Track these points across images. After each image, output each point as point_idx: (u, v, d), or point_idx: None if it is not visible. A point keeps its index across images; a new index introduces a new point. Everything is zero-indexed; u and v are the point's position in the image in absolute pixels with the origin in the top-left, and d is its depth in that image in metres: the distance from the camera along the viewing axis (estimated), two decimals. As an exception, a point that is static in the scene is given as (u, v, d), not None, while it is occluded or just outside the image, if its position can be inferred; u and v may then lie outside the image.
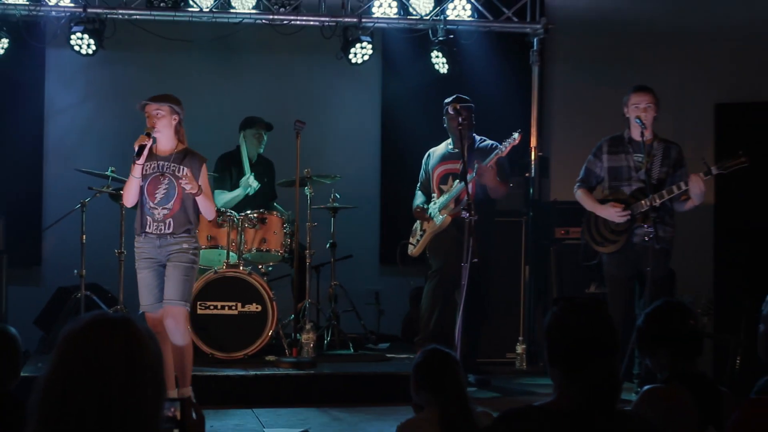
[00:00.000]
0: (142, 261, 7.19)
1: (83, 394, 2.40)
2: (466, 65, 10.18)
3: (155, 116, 7.16)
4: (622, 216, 7.85)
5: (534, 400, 6.73)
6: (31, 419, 2.45)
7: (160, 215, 7.17)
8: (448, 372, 4.84)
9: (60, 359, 2.46)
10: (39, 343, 9.23)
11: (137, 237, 7.23)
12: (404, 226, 9.16)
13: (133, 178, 7.13)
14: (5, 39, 9.49)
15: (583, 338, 3.30)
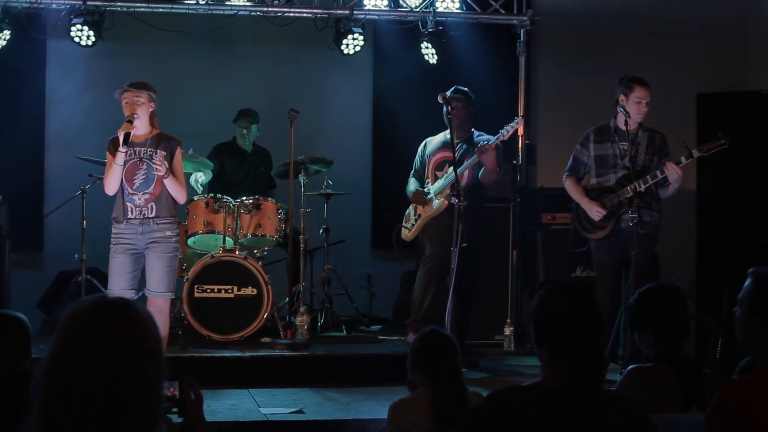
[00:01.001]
0: (119, 246, 7.20)
1: (87, 376, 2.40)
2: (455, 56, 10.17)
3: (136, 103, 7.16)
4: (600, 215, 7.87)
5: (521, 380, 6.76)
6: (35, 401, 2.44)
7: (141, 200, 7.18)
8: (446, 355, 4.84)
9: (62, 341, 2.46)
10: (41, 326, 9.22)
11: (117, 225, 7.22)
12: (395, 212, 9.16)
13: (117, 165, 7.11)
14: (7, 31, 9.45)
15: (568, 320, 3.31)
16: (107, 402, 2.39)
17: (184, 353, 8.12)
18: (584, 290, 3.42)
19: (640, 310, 4.77)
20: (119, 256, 7.18)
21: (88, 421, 2.38)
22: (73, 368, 2.41)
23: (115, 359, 2.42)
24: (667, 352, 4.67)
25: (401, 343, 8.82)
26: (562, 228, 9.27)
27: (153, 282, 7.21)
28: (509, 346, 9.26)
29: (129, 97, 7.19)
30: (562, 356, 3.30)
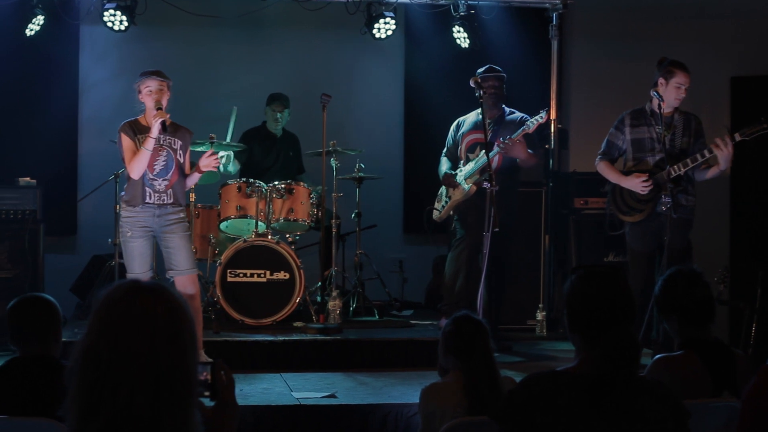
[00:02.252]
0: (136, 230, 7.25)
1: (128, 361, 2.40)
2: (487, 40, 10.15)
3: (160, 91, 7.25)
4: (646, 186, 7.79)
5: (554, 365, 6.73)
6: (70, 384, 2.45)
7: (161, 186, 7.27)
8: (478, 339, 4.83)
9: (101, 325, 2.45)
10: (75, 310, 9.28)
11: (131, 208, 7.26)
12: (427, 196, 9.15)
13: (146, 151, 7.16)
14: (41, 16, 9.49)
15: (601, 305, 3.31)
16: (147, 387, 2.39)
17: (217, 337, 8.14)
18: (616, 275, 3.40)
19: (661, 296, 4.76)
20: (138, 240, 7.26)
21: (127, 406, 2.38)
22: (116, 354, 2.41)
23: (158, 343, 2.42)
24: (695, 337, 4.64)
25: (433, 328, 8.81)
26: (594, 212, 9.25)
27: (182, 261, 7.31)
28: (541, 331, 9.25)
29: (155, 85, 7.25)
30: (595, 341, 3.29)
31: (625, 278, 3.43)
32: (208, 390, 2.83)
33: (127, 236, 7.27)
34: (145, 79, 7.29)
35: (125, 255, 7.34)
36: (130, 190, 7.30)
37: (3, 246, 8.75)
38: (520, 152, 8.19)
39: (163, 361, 2.41)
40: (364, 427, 6.56)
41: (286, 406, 6.68)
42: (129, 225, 7.27)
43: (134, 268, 7.28)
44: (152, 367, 2.40)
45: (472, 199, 8.35)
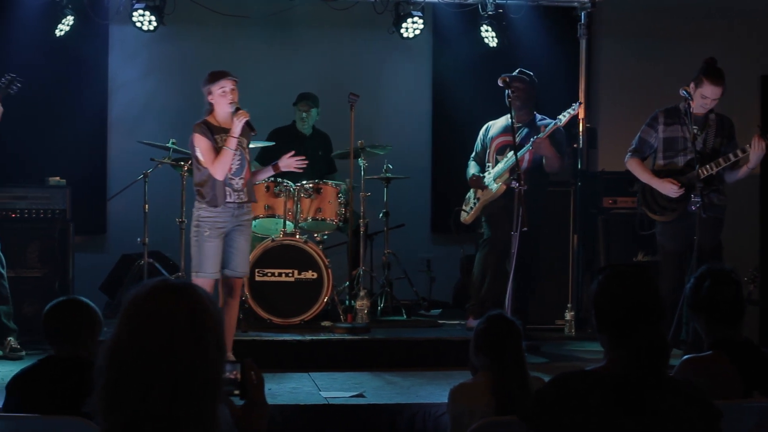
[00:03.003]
0: (214, 230, 7.25)
1: (150, 359, 2.42)
2: (515, 39, 10.13)
3: (233, 91, 7.27)
4: (678, 192, 7.76)
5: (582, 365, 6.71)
6: (98, 381, 2.46)
7: (239, 185, 7.31)
8: (510, 339, 4.82)
9: (127, 323, 2.48)
10: (104, 308, 9.30)
11: (212, 208, 7.24)
12: (455, 195, 9.15)
13: (230, 150, 7.18)
14: (70, 16, 9.54)
15: (628, 305, 3.30)
16: (169, 385, 2.41)
17: (245, 336, 8.17)
18: (644, 274, 3.38)
19: (690, 295, 4.74)
20: (214, 241, 7.26)
21: (150, 403, 2.40)
22: (136, 351, 2.43)
23: (177, 343, 2.44)
24: (724, 337, 4.62)
25: (461, 328, 8.81)
26: (623, 212, 9.22)
27: (241, 263, 7.40)
28: (570, 331, 9.22)
29: (230, 85, 7.26)
30: (622, 341, 3.28)
31: (652, 278, 3.42)
32: (237, 389, 2.84)
33: (204, 236, 7.25)
34: (220, 80, 7.26)
35: (198, 255, 7.29)
36: (209, 190, 7.25)
37: (33, 245, 8.80)
38: (547, 150, 8.16)
39: (183, 360, 2.43)
40: (392, 426, 6.55)
41: (314, 405, 6.69)
42: (208, 225, 7.25)
43: (207, 268, 7.27)
44: (171, 365, 2.42)
45: (500, 200, 8.34)
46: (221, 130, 7.26)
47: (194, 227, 7.34)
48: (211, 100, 7.31)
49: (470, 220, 8.72)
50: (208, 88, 7.30)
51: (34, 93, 9.70)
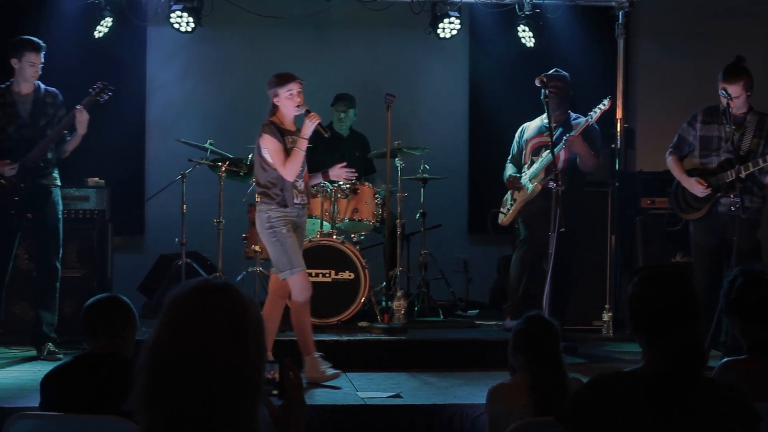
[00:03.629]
0: (288, 226, 7.25)
1: (189, 359, 2.43)
2: (552, 39, 10.11)
3: (300, 94, 7.31)
4: (704, 192, 7.73)
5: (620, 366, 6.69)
6: (139, 381, 2.48)
7: (302, 186, 7.34)
8: (548, 339, 4.82)
9: (167, 323, 2.49)
10: (142, 308, 9.36)
11: (282, 209, 7.23)
12: (492, 196, 9.15)
13: (301, 152, 7.20)
14: (109, 18, 9.59)
15: (663, 306, 3.29)
16: (209, 385, 2.43)
17: (282, 336, 8.17)
18: (680, 275, 3.37)
19: (724, 297, 4.72)
20: (294, 236, 7.28)
21: (190, 403, 2.42)
22: (177, 352, 2.45)
23: (217, 343, 2.45)
24: (760, 339, 4.60)
25: (498, 328, 8.80)
26: (661, 212, 9.20)
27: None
28: (608, 332, 9.18)
29: (297, 88, 7.30)
30: (658, 343, 3.27)
31: (688, 278, 3.40)
32: (276, 389, 2.85)
33: (283, 233, 7.22)
34: (288, 83, 7.27)
35: (284, 253, 7.25)
36: (278, 192, 7.24)
37: (72, 245, 8.86)
38: (579, 148, 8.15)
39: (223, 360, 2.44)
40: (429, 427, 6.55)
41: (351, 405, 6.69)
42: (282, 222, 7.24)
43: (299, 262, 7.27)
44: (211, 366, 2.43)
45: (536, 200, 8.33)
46: (287, 132, 7.25)
47: (268, 230, 7.27)
48: (277, 102, 7.29)
49: (508, 222, 8.71)
50: (275, 90, 7.28)
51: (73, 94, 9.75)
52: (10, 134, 7.97)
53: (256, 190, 7.38)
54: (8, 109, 7.99)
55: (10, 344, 8.44)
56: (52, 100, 8.11)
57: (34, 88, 8.07)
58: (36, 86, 8.08)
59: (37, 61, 7.95)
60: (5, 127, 7.97)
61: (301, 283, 7.24)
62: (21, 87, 8.03)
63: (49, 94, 8.12)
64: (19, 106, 8.02)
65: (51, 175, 8.14)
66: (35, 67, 7.95)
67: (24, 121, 8.01)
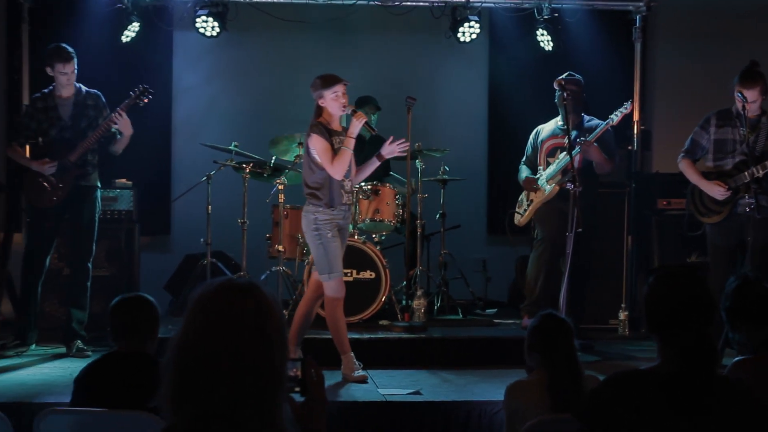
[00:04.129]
0: (334, 230, 7.23)
1: (215, 356, 2.45)
2: (571, 43, 10.10)
3: (345, 95, 7.24)
4: (725, 195, 7.72)
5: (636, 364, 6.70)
6: (165, 378, 2.50)
7: (349, 186, 7.30)
8: (561, 337, 4.83)
9: (193, 322, 2.51)
10: (168, 307, 9.39)
11: (330, 210, 7.20)
12: (510, 197, 9.15)
13: (349, 151, 7.17)
14: (136, 23, 9.64)
15: (677, 305, 3.31)
16: (234, 382, 2.45)
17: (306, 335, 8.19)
18: (694, 275, 3.38)
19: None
20: (338, 240, 7.27)
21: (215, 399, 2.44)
22: (202, 349, 2.47)
23: (242, 341, 2.47)
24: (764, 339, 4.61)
25: (516, 327, 8.80)
26: (677, 213, 9.16)
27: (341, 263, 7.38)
28: (624, 331, 9.17)
29: (342, 89, 7.22)
30: (673, 341, 3.29)
31: (703, 279, 3.42)
32: (298, 386, 2.87)
33: (327, 237, 7.20)
34: (333, 85, 7.20)
35: (326, 257, 7.22)
36: (326, 192, 7.21)
37: (101, 245, 8.87)
38: (595, 155, 8.15)
39: (248, 358, 2.46)
40: (447, 423, 6.57)
41: (372, 402, 6.71)
42: (329, 226, 7.21)
43: (338, 267, 7.27)
44: (236, 363, 2.45)
45: (552, 201, 8.34)
46: (334, 132, 7.23)
47: (314, 231, 7.25)
48: (323, 104, 7.23)
49: (524, 222, 8.72)
50: (320, 92, 7.22)
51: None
52: (53, 136, 8.08)
53: (304, 191, 7.32)
54: (50, 113, 8.10)
55: (40, 342, 8.45)
56: (94, 102, 8.19)
57: (75, 91, 8.17)
58: (77, 89, 8.18)
59: (68, 70, 8.03)
60: (48, 130, 8.09)
61: (336, 286, 7.25)
62: (61, 91, 8.12)
63: (91, 96, 8.21)
64: (61, 109, 8.12)
65: (91, 176, 8.21)
66: (66, 75, 8.03)
67: (65, 124, 8.10)
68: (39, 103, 8.16)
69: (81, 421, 4.40)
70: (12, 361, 7.86)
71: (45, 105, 8.12)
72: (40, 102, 8.16)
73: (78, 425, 4.37)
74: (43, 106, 8.12)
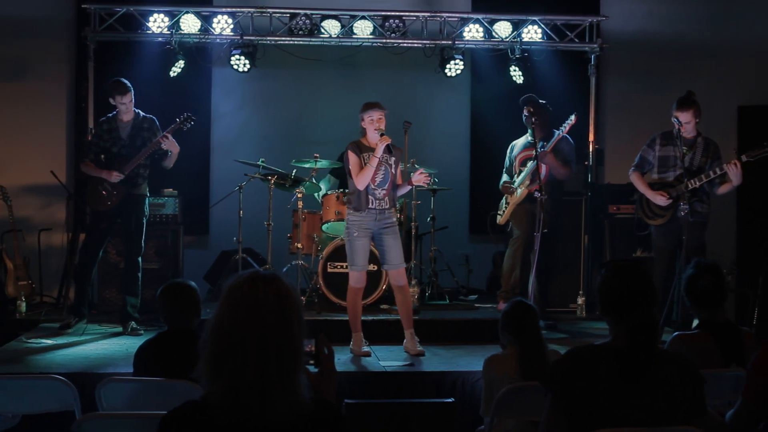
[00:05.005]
0: (361, 231, 7.19)
1: (246, 332, 2.46)
2: (538, 76, 10.08)
3: (380, 119, 7.21)
4: (667, 202, 7.72)
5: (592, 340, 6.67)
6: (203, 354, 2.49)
7: (381, 194, 7.20)
8: (528, 319, 4.85)
9: (226, 306, 2.51)
10: (207, 294, 9.38)
11: (357, 213, 7.19)
12: (489, 203, 9.14)
13: (371, 167, 7.12)
14: (182, 60, 9.64)
15: (626, 292, 3.32)
16: (260, 354, 2.45)
17: (319, 317, 8.19)
18: (638, 267, 3.41)
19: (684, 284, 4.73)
20: (362, 240, 7.21)
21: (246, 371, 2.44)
22: (234, 330, 2.47)
23: (267, 322, 2.47)
24: (708, 318, 4.61)
25: (493, 310, 8.78)
26: (625, 217, 9.21)
27: (393, 257, 7.24)
28: (581, 313, 9.17)
29: (377, 115, 7.20)
30: (623, 322, 3.30)
31: (646, 270, 3.44)
32: (312, 359, 2.86)
33: (353, 236, 7.21)
34: (369, 110, 7.22)
35: (350, 252, 7.26)
36: (355, 198, 7.21)
37: (151, 244, 8.92)
38: (549, 160, 8.14)
39: (272, 336, 2.46)
40: (437, 389, 6.56)
41: (374, 372, 6.72)
42: (356, 227, 7.21)
43: (357, 262, 7.25)
44: (262, 341, 2.45)
45: (526, 206, 8.31)
46: (368, 149, 7.20)
47: (346, 229, 7.30)
48: (363, 125, 7.26)
49: (503, 221, 8.70)
50: (362, 115, 7.26)
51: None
52: (114, 153, 8.07)
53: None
54: (113, 134, 8.10)
55: (102, 322, 8.48)
56: (149, 125, 8.17)
57: (134, 116, 8.15)
58: (135, 114, 8.16)
59: (126, 100, 8.03)
60: (110, 148, 8.08)
61: (356, 277, 7.26)
62: (122, 116, 8.12)
63: (146, 119, 8.20)
64: (121, 131, 8.11)
65: (141, 186, 8.19)
66: (125, 105, 8.03)
67: (124, 142, 8.09)
68: (104, 125, 8.17)
69: (135, 388, 4.39)
70: (76, 338, 7.86)
71: (109, 127, 8.13)
72: (105, 124, 8.17)
73: (132, 391, 4.36)
74: (107, 128, 8.13)
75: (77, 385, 4.48)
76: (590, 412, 3.17)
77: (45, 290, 9.85)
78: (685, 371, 3.27)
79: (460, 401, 6.27)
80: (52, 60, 10.40)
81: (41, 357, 7.05)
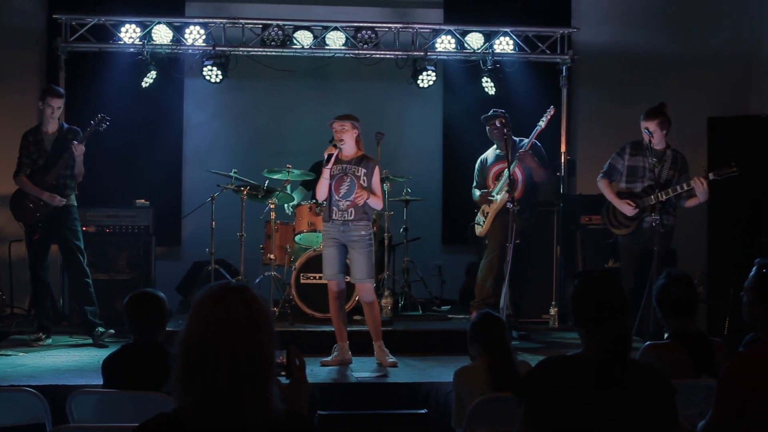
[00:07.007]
0: (328, 240, 7.24)
1: (216, 344, 2.45)
2: (509, 88, 10.12)
3: (340, 131, 7.20)
4: (633, 212, 7.76)
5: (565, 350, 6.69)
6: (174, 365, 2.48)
7: (344, 206, 7.19)
8: (495, 331, 4.86)
9: (196, 318, 2.50)
10: (179, 305, 9.34)
11: (325, 224, 7.28)
12: (461, 214, 9.18)
13: (324, 179, 7.15)
14: (153, 71, 9.61)
15: (598, 304, 3.32)
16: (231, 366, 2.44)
17: (292, 328, 8.17)
18: (611, 278, 3.41)
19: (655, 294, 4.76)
20: (328, 249, 7.26)
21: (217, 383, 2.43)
22: (205, 340, 2.46)
23: (237, 334, 2.46)
24: (679, 329, 4.63)
25: (466, 321, 8.74)
26: (597, 227, 9.24)
27: (356, 272, 7.25)
28: (554, 323, 9.18)
29: (338, 126, 7.25)
30: (595, 332, 3.30)
31: (618, 281, 3.45)
32: (284, 370, 2.85)
33: (323, 245, 7.33)
34: (332, 122, 7.30)
35: (322, 261, 7.36)
36: (325, 209, 7.30)
37: (123, 254, 8.89)
38: (529, 161, 8.15)
39: (242, 348, 2.45)
40: (410, 400, 6.54)
41: (347, 383, 6.71)
42: (324, 236, 7.31)
43: (326, 271, 7.31)
44: (233, 352, 2.44)
45: (501, 217, 8.27)
46: (339, 161, 7.24)
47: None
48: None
49: (484, 233, 8.61)
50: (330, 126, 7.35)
51: (124, 132, 9.78)
52: (40, 165, 8.01)
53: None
54: (39, 146, 8.04)
55: (72, 334, 8.46)
56: (72, 136, 8.08)
57: (58, 127, 8.09)
58: (60, 125, 8.11)
59: (56, 104, 7.99)
60: (36, 160, 8.02)
61: (329, 285, 7.34)
62: (47, 127, 8.05)
63: (71, 131, 8.12)
64: (46, 142, 8.06)
65: (69, 197, 8.11)
66: (52, 109, 7.98)
67: (48, 154, 8.03)
68: (30, 137, 8.08)
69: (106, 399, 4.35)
70: (46, 350, 7.80)
71: (34, 139, 8.06)
72: (31, 136, 8.08)
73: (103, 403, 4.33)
74: (33, 140, 8.06)
75: (47, 397, 4.44)
76: (563, 423, 3.18)
77: (16, 302, 9.76)
78: (656, 381, 3.28)
79: (434, 412, 6.25)
80: (22, 70, 10.33)
81: (11, 369, 6.99)
